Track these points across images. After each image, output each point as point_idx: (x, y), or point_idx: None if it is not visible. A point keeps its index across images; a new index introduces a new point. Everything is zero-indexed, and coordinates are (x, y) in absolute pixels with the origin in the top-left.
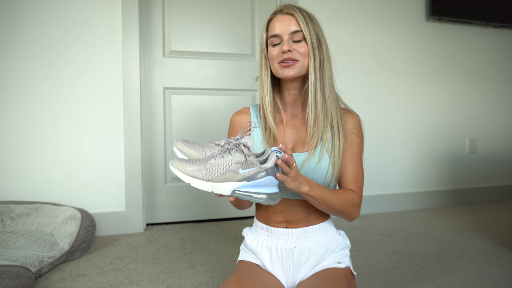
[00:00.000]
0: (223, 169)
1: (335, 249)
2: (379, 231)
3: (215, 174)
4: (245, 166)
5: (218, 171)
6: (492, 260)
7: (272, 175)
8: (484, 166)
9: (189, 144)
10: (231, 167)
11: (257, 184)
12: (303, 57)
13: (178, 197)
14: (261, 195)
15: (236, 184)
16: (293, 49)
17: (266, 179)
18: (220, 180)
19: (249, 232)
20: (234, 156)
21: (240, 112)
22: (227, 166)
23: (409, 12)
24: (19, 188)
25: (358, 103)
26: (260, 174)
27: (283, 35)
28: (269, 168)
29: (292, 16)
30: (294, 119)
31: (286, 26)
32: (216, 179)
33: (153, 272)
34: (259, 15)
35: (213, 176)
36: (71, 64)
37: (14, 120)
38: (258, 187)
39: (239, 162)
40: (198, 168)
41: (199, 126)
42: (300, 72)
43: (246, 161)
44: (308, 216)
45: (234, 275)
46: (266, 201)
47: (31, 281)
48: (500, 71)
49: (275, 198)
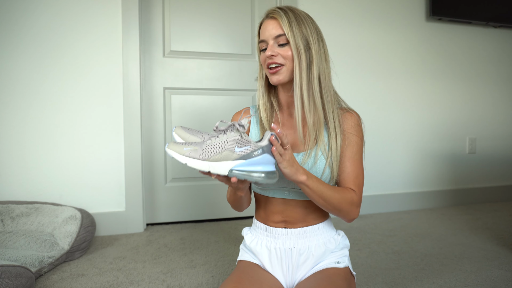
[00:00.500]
0: (219, 148)
1: (334, 249)
2: (379, 231)
3: (212, 153)
4: (240, 144)
5: (214, 150)
6: (492, 260)
7: (268, 153)
8: (484, 166)
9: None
10: (227, 146)
11: (253, 162)
12: (288, 61)
13: (178, 197)
14: (258, 173)
15: (233, 163)
16: (277, 53)
17: (262, 157)
18: (217, 159)
19: (249, 232)
20: (230, 135)
21: (239, 112)
22: (223, 145)
23: (409, 12)
24: (19, 188)
25: (358, 103)
26: (256, 152)
27: (268, 40)
28: (265, 146)
29: (276, 20)
30: (291, 119)
31: (269, 31)
32: (213, 158)
33: (153, 272)
34: (259, 15)
35: (209, 155)
36: (71, 64)
37: (14, 120)
38: (255, 165)
39: (234, 140)
40: (194, 148)
41: (199, 126)
42: (287, 76)
43: (242, 139)
44: (307, 216)
45: (233, 275)
46: (264, 180)
47: (31, 281)
48: (500, 71)
49: (273, 176)
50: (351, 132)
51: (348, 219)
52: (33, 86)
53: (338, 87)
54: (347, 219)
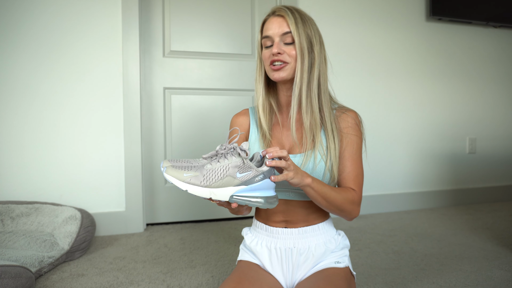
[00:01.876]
0: (220, 174)
1: (334, 249)
2: (379, 231)
3: (213, 180)
4: (242, 170)
5: (215, 176)
6: (492, 260)
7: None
8: (484, 166)
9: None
10: (228, 172)
11: (254, 188)
12: (293, 60)
13: (178, 197)
14: (258, 199)
15: (234, 189)
16: (283, 51)
17: (263, 182)
18: (218, 185)
19: (249, 232)
20: (231, 160)
21: (239, 114)
22: (224, 170)
23: (409, 12)
24: (19, 188)
25: (358, 103)
26: (258, 178)
27: (274, 37)
28: (266, 171)
29: (283, 18)
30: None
31: (277, 28)
32: (214, 185)
33: (153, 272)
34: (259, 15)
35: (210, 181)
36: (71, 64)
37: (14, 120)
38: (255, 191)
39: (236, 166)
40: (194, 174)
41: (199, 126)
42: (290, 74)
43: (244, 165)
44: (307, 216)
45: (233, 275)
46: (264, 205)
47: (31, 281)
48: (500, 71)
49: (272, 202)
50: (349, 132)
51: (349, 218)
52: (33, 86)
53: (338, 87)
54: (348, 218)
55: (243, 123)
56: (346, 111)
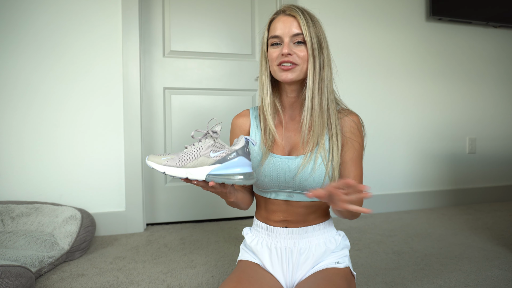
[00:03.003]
0: (194, 155)
1: (334, 249)
2: (379, 231)
3: (188, 160)
4: (215, 149)
5: (190, 157)
6: (492, 260)
7: (243, 156)
8: (484, 166)
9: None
10: (202, 152)
11: (229, 165)
12: (302, 61)
13: (178, 197)
14: (235, 175)
15: (210, 168)
16: (293, 52)
17: (238, 159)
18: (193, 165)
19: (249, 231)
20: (204, 142)
21: (240, 115)
22: (198, 151)
23: (409, 12)
24: (19, 188)
25: (358, 103)
26: (231, 155)
27: (284, 37)
28: (239, 149)
29: (294, 18)
30: (292, 121)
31: (287, 28)
32: (189, 165)
33: (153, 272)
34: (259, 15)
35: (185, 162)
36: (71, 64)
37: (14, 120)
38: (231, 168)
39: (209, 146)
40: (171, 157)
41: (199, 126)
42: (299, 76)
43: (215, 144)
44: (308, 216)
45: (233, 274)
46: (242, 181)
47: (31, 281)
48: (500, 71)
49: (250, 177)
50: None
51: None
52: (33, 86)
53: (338, 87)
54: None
55: (243, 124)
56: (349, 114)
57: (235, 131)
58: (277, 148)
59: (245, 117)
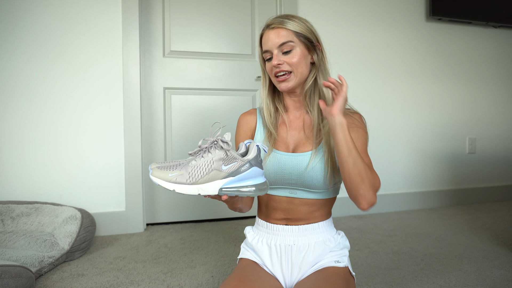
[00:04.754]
0: (205, 169)
1: (333, 248)
2: (379, 231)
3: (199, 176)
4: (227, 161)
5: (200, 172)
6: (492, 260)
7: (256, 166)
8: (484, 166)
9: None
10: (213, 166)
11: (242, 178)
12: (295, 67)
13: (178, 197)
14: (249, 188)
15: (222, 182)
16: (283, 61)
17: (251, 170)
18: (205, 180)
19: (251, 230)
20: (214, 154)
21: (247, 113)
22: (209, 165)
23: (409, 12)
24: (19, 188)
25: (358, 103)
26: (244, 167)
27: (272, 50)
28: (252, 159)
29: (277, 29)
30: (296, 120)
31: (272, 40)
32: (200, 181)
33: (153, 272)
34: (259, 15)
35: (196, 178)
36: (70, 63)
37: (14, 119)
38: (244, 181)
39: (220, 159)
40: (180, 172)
41: (199, 126)
42: (297, 82)
43: (227, 156)
44: (309, 215)
45: (234, 273)
46: (255, 193)
47: (31, 281)
48: (500, 71)
49: (263, 188)
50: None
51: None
52: (32, 86)
53: None
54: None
55: (250, 122)
56: (352, 113)
57: (242, 128)
58: (281, 145)
59: (252, 115)
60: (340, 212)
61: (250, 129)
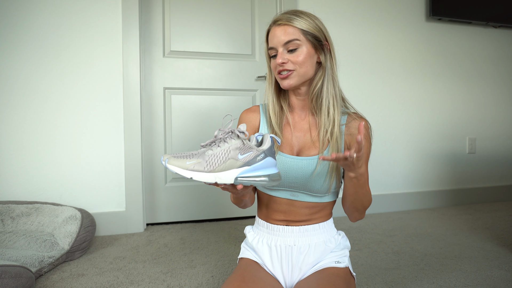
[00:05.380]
0: (222, 158)
1: (334, 248)
2: (379, 231)
3: (216, 164)
4: (243, 151)
5: (218, 160)
6: (492, 260)
7: (270, 156)
8: (484, 166)
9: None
10: (230, 154)
11: (257, 168)
12: (298, 66)
13: (178, 197)
14: (262, 177)
15: (238, 171)
16: (287, 60)
17: (265, 160)
18: (221, 169)
19: (251, 230)
20: (231, 143)
21: (250, 110)
22: (226, 153)
23: (409, 12)
24: (19, 188)
25: (358, 103)
26: (259, 157)
27: (278, 47)
28: (267, 150)
29: (284, 26)
30: (302, 121)
31: (278, 37)
32: (218, 169)
33: (153, 272)
34: (259, 15)
35: (214, 166)
36: (70, 63)
37: (14, 119)
38: (258, 170)
39: (237, 148)
40: (197, 161)
41: (199, 126)
42: (299, 80)
43: (244, 146)
44: (309, 216)
45: (236, 273)
46: (269, 183)
47: (31, 281)
48: (500, 71)
49: (277, 178)
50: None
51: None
52: (32, 86)
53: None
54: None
55: (253, 120)
56: (358, 118)
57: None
58: (285, 148)
59: (255, 113)
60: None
61: (253, 128)
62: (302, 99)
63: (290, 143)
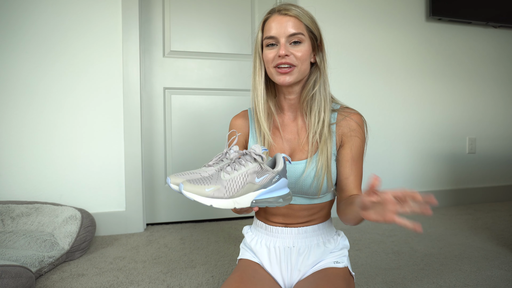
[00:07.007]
0: (241, 182)
1: (333, 249)
2: (379, 231)
3: (235, 190)
4: (260, 174)
5: (236, 185)
6: (492, 260)
7: (283, 177)
8: (484, 166)
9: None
10: (248, 179)
11: (272, 189)
12: (300, 62)
13: (178, 197)
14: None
15: (255, 194)
16: (290, 53)
17: (280, 182)
18: (240, 194)
19: (249, 230)
20: (248, 167)
21: (238, 116)
22: (244, 178)
23: (409, 12)
24: (19, 188)
25: (358, 103)
26: (275, 179)
27: (280, 38)
28: (281, 171)
29: (290, 17)
30: (291, 123)
31: (283, 28)
32: (236, 194)
33: (153, 272)
34: (259, 15)
35: (233, 192)
36: (70, 63)
37: (14, 119)
38: (273, 192)
39: (255, 172)
40: (216, 187)
41: (199, 126)
42: (297, 78)
43: (262, 169)
44: (308, 217)
45: (235, 274)
46: (283, 203)
47: (31, 281)
48: (500, 71)
49: (289, 198)
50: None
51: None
52: (32, 86)
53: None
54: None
55: (243, 126)
56: (349, 114)
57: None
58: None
59: (243, 118)
60: None
61: (244, 135)
62: (293, 99)
63: (281, 148)
